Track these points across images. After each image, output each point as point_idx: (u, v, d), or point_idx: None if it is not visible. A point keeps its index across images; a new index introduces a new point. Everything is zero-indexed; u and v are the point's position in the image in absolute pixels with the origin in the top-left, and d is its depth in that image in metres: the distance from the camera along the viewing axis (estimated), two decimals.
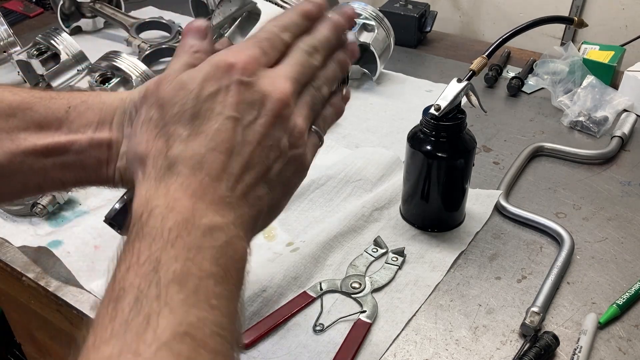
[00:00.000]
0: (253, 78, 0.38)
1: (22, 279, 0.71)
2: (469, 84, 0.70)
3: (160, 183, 0.35)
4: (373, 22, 1.05)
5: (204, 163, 0.35)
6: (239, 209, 0.36)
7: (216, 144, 0.36)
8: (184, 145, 0.36)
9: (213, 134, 0.36)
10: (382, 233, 0.75)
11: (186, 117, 0.36)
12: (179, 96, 0.37)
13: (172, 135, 0.36)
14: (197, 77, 0.37)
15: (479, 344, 0.61)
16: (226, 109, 0.37)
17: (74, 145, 0.45)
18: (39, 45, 1.01)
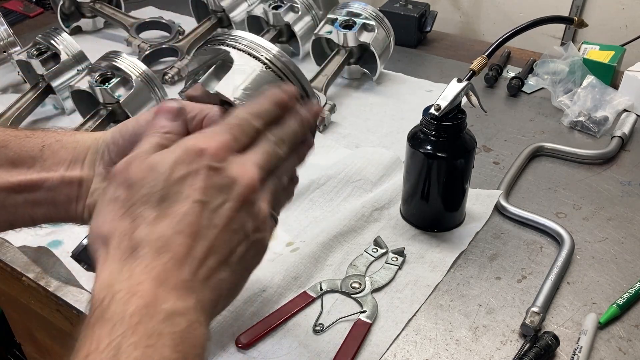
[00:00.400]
0: (223, 164, 0.38)
1: (22, 279, 0.71)
2: (469, 84, 0.70)
3: (124, 266, 0.35)
4: (373, 22, 1.05)
5: (169, 246, 0.35)
6: (200, 293, 0.36)
7: (182, 227, 0.36)
8: (150, 228, 0.36)
9: (180, 217, 0.36)
10: (382, 233, 0.75)
11: (154, 199, 0.36)
12: (148, 178, 0.37)
13: (138, 217, 0.36)
14: (168, 160, 0.38)
15: (479, 344, 0.61)
16: (194, 192, 0.37)
17: (45, 183, 0.46)
18: (39, 45, 1.01)
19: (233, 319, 0.63)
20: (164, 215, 0.36)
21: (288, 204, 0.47)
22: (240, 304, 0.64)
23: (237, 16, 1.21)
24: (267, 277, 0.67)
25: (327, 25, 1.07)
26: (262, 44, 0.48)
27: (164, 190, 0.37)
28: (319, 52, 1.13)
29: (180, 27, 1.27)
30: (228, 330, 0.62)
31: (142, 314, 0.33)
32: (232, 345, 0.61)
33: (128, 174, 0.38)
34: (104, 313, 0.33)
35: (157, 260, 0.35)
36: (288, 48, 1.21)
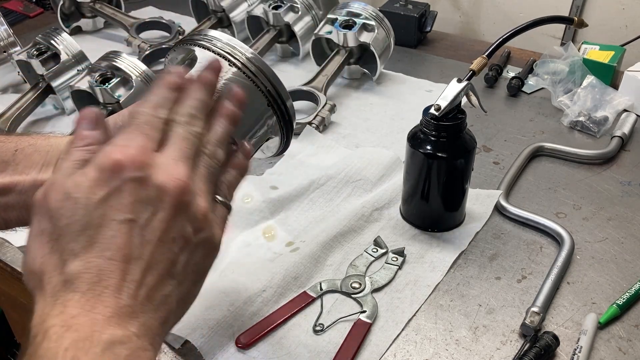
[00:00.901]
0: (146, 172, 0.35)
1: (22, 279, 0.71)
2: (469, 84, 0.70)
3: (56, 300, 0.33)
4: (373, 22, 1.05)
5: (102, 275, 0.33)
6: (143, 316, 0.34)
7: (112, 253, 0.34)
8: (79, 260, 0.33)
9: (107, 242, 0.34)
10: (382, 233, 0.75)
11: (76, 229, 0.34)
12: (66, 207, 0.34)
13: (65, 250, 0.34)
14: (83, 184, 0.35)
15: (479, 344, 0.61)
16: (119, 212, 0.34)
17: (17, 186, 0.45)
18: (39, 45, 1.01)
19: (233, 319, 0.63)
20: (90, 243, 0.34)
21: (243, 175, 0.44)
22: (240, 304, 0.64)
23: (237, 16, 1.21)
24: (267, 277, 0.67)
25: (327, 25, 1.08)
26: (237, 45, 0.46)
27: (85, 218, 0.34)
28: (319, 52, 1.13)
29: (180, 27, 1.27)
30: (228, 330, 0.62)
31: (77, 347, 0.31)
32: (232, 345, 0.61)
33: (47, 203, 0.35)
34: (36, 350, 0.31)
35: (91, 292, 0.33)
36: (288, 48, 1.21)
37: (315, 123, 0.94)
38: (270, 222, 0.77)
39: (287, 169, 0.86)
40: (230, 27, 1.23)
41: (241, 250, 0.73)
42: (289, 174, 0.85)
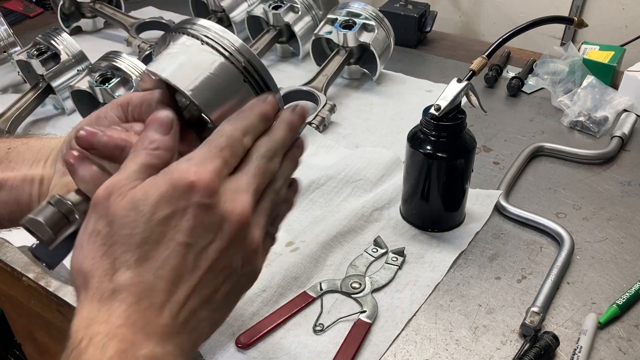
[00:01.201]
0: (214, 199, 0.35)
1: (22, 279, 0.71)
2: (469, 84, 0.70)
3: (102, 307, 0.34)
4: (373, 22, 1.05)
5: (150, 292, 0.34)
6: (179, 337, 0.35)
7: (164, 273, 0.34)
8: (130, 272, 0.34)
9: (162, 261, 0.34)
10: (382, 233, 0.75)
11: (135, 242, 0.34)
12: (129, 217, 0.34)
13: (118, 258, 0.34)
14: (151, 197, 0.34)
15: (479, 344, 0.61)
16: (179, 234, 0.34)
17: (7, 182, 0.46)
18: (39, 45, 1.01)
19: (233, 318, 0.63)
20: (145, 258, 0.34)
21: (291, 209, 0.45)
22: (241, 304, 0.64)
23: (237, 16, 1.21)
24: (267, 277, 0.67)
25: (327, 25, 1.08)
26: (226, 36, 0.44)
27: (145, 233, 0.34)
28: (319, 52, 1.13)
29: None
30: (228, 330, 0.62)
31: (120, 357, 0.32)
32: (232, 345, 0.61)
33: (109, 207, 0.35)
34: (81, 355, 0.32)
35: (137, 305, 0.34)
36: (288, 48, 1.21)
37: (315, 123, 0.94)
38: None
39: None
40: (230, 27, 1.23)
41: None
42: None
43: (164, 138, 0.38)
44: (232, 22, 1.21)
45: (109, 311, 0.33)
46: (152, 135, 0.38)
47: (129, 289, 0.34)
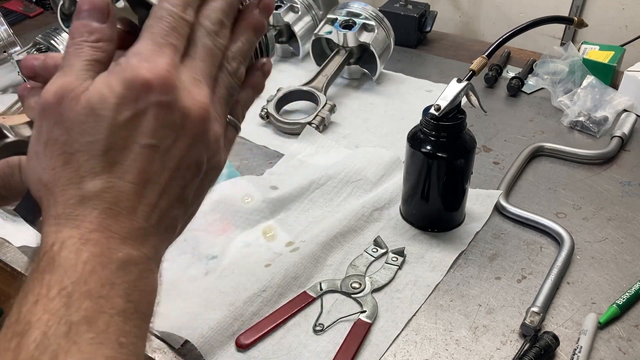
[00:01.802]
0: (172, 95, 0.33)
1: (22, 279, 0.71)
2: (469, 84, 0.70)
3: (71, 214, 0.32)
4: (373, 22, 1.05)
5: (120, 196, 0.33)
6: (152, 238, 0.35)
7: (132, 176, 0.33)
8: (98, 180, 0.32)
9: (129, 165, 0.33)
10: (382, 233, 0.75)
11: (99, 149, 0.32)
12: (88, 123, 0.32)
13: (82, 166, 0.32)
14: (109, 101, 0.32)
15: (479, 344, 0.61)
16: (144, 136, 0.33)
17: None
18: (39, 45, 1.01)
19: (233, 318, 0.63)
20: (111, 164, 0.33)
21: (258, 94, 0.42)
22: (240, 304, 0.64)
23: None
24: (267, 277, 0.67)
25: (327, 25, 1.07)
26: None
27: (109, 139, 0.32)
28: (319, 52, 1.13)
29: None
30: (228, 330, 0.62)
31: (95, 262, 0.31)
32: (232, 345, 0.61)
33: (64, 112, 0.33)
34: (54, 259, 0.31)
35: (109, 211, 0.33)
36: (288, 48, 1.21)
37: (315, 123, 0.94)
38: (270, 222, 0.77)
39: (287, 169, 0.86)
40: None
41: (241, 250, 0.73)
42: (289, 174, 0.85)
43: (103, 27, 0.34)
44: None
45: (81, 218, 0.32)
46: (91, 24, 0.34)
47: (99, 196, 0.32)
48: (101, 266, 0.31)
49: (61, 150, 0.33)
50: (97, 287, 0.31)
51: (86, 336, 0.30)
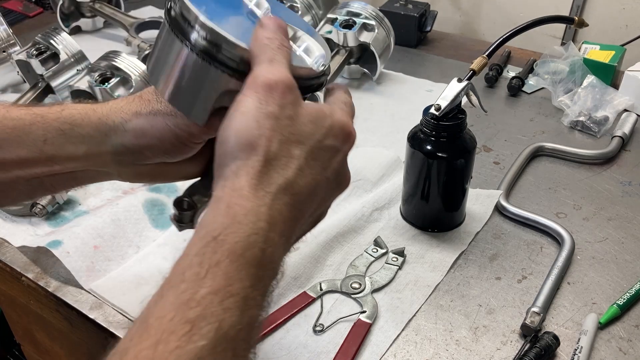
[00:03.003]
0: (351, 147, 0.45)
1: (22, 279, 0.71)
2: (469, 83, 0.69)
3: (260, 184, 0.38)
4: (373, 22, 1.05)
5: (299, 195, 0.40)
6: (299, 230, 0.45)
7: (310, 190, 0.41)
8: (295, 171, 0.39)
9: (312, 179, 0.41)
10: (382, 233, 0.75)
11: (307, 150, 0.40)
12: (309, 126, 0.40)
13: (293, 151, 0.39)
14: (326, 124, 0.41)
15: (479, 345, 0.61)
16: (329, 170, 0.42)
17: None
18: (39, 45, 1.01)
19: None
20: (308, 167, 0.40)
21: None
22: None
23: None
24: None
25: (327, 25, 1.07)
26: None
27: (315, 148, 0.40)
28: None
29: None
30: None
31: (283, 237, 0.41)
32: None
33: (295, 104, 0.40)
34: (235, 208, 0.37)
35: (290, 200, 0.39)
36: None
37: None
38: None
39: None
40: None
41: None
42: None
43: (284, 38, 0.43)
44: None
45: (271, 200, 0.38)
46: (283, 36, 0.43)
47: (288, 184, 0.39)
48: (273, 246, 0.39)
49: (281, 129, 0.39)
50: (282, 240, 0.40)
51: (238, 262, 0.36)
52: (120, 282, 0.68)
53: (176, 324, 0.32)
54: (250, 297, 0.35)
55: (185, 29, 0.43)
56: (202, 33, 0.42)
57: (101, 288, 0.67)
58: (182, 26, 0.43)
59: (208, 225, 0.36)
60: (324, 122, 0.41)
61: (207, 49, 0.42)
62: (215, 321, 0.32)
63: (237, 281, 0.34)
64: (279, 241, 0.39)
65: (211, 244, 0.35)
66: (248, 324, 0.35)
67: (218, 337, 0.32)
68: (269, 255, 0.38)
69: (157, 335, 0.31)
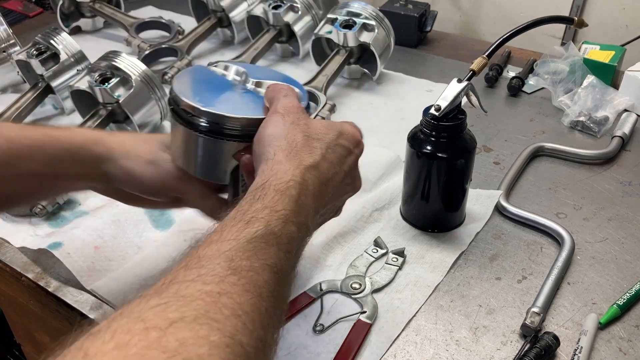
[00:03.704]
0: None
1: (22, 279, 0.71)
2: (469, 84, 0.69)
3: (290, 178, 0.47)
4: (373, 22, 1.05)
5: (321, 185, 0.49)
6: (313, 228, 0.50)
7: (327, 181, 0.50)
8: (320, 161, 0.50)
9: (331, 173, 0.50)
10: (382, 233, 0.75)
11: (323, 147, 0.50)
12: (323, 130, 0.52)
13: (314, 148, 0.50)
14: (337, 127, 0.53)
15: (479, 345, 0.61)
16: (344, 165, 0.52)
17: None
18: (39, 45, 1.01)
19: None
20: (328, 156, 0.51)
21: None
22: None
23: (237, 16, 1.21)
24: None
25: (327, 25, 1.07)
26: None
27: (332, 143, 0.51)
28: (319, 52, 1.13)
29: (180, 27, 1.27)
30: None
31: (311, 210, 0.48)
32: None
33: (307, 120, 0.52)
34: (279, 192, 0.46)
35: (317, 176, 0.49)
36: (288, 48, 1.21)
37: None
38: None
39: None
40: (230, 26, 1.23)
41: None
42: None
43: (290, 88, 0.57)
44: (232, 22, 1.21)
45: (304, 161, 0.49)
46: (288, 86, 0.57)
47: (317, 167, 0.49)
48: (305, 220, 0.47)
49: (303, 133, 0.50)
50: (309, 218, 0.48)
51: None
52: (121, 283, 0.68)
53: (236, 221, 0.42)
54: (289, 219, 0.44)
55: (191, 120, 0.53)
56: (205, 118, 0.52)
57: (102, 289, 0.67)
58: (187, 118, 0.53)
59: (255, 184, 0.46)
60: (334, 127, 0.52)
61: (213, 129, 0.53)
62: (265, 221, 0.43)
63: (280, 204, 0.44)
64: (310, 203, 0.48)
65: (260, 188, 0.45)
66: (287, 235, 0.44)
67: (267, 231, 0.42)
68: (303, 202, 0.46)
69: (220, 230, 0.42)
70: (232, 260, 0.38)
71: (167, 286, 0.36)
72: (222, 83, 0.57)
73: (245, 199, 0.45)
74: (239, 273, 0.38)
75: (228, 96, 0.56)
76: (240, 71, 0.57)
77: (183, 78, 0.57)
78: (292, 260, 0.45)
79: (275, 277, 0.40)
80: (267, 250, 0.41)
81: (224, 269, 0.38)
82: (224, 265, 0.38)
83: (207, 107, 0.52)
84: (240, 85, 0.57)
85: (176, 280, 0.36)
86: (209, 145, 0.54)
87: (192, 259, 0.39)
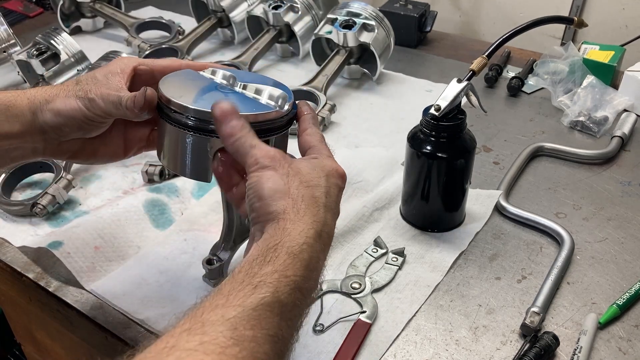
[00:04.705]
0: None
1: (22, 279, 0.71)
2: (469, 84, 0.70)
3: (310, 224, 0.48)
4: (373, 22, 1.05)
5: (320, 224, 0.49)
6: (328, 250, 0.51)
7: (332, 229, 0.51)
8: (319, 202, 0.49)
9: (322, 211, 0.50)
10: (382, 233, 0.75)
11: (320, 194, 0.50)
12: (312, 174, 0.51)
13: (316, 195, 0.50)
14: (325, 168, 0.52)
15: (479, 344, 0.61)
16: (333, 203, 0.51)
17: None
18: (39, 45, 1.01)
19: None
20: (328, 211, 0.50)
21: None
22: None
23: (237, 16, 1.21)
24: None
25: (327, 25, 1.07)
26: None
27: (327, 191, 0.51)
28: (319, 52, 1.13)
29: (180, 27, 1.27)
30: None
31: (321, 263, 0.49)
32: None
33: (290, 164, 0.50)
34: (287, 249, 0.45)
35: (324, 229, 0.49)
36: (288, 48, 1.21)
37: None
38: None
39: None
40: (230, 27, 1.23)
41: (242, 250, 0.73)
42: None
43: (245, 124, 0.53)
44: (232, 22, 1.21)
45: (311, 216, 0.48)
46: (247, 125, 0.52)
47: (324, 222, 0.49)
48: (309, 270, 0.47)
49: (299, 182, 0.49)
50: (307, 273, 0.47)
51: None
52: (120, 283, 0.68)
53: (244, 285, 0.42)
54: (298, 285, 0.44)
55: (178, 118, 0.53)
56: (192, 115, 0.52)
57: (102, 288, 0.67)
58: (174, 117, 0.53)
59: (267, 240, 0.46)
60: (320, 168, 0.51)
61: (198, 126, 0.52)
62: (273, 287, 0.42)
63: (290, 269, 0.44)
64: (321, 265, 0.49)
65: (272, 248, 0.45)
66: (293, 303, 0.44)
67: (274, 299, 0.42)
68: (314, 266, 0.47)
69: (227, 294, 0.42)
70: (236, 329, 0.39)
71: (167, 352, 0.36)
72: (210, 85, 0.57)
73: (256, 259, 0.45)
74: (241, 344, 0.38)
75: (214, 95, 0.56)
76: (227, 75, 0.57)
77: (170, 79, 0.57)
78: (294, 328, 0.45)
79: (276, 347, 0.41)
80: (271, 320, 0.41)
81: (227, 338, 0.38)
82: (227, 334, 0.38)
83: (193, 104, 0.52)
84: (227, 87, 0.57)
85: (178, 347, 0.37)
86: (194, 143, 0.54)
87: (196, 323, 0.39)
